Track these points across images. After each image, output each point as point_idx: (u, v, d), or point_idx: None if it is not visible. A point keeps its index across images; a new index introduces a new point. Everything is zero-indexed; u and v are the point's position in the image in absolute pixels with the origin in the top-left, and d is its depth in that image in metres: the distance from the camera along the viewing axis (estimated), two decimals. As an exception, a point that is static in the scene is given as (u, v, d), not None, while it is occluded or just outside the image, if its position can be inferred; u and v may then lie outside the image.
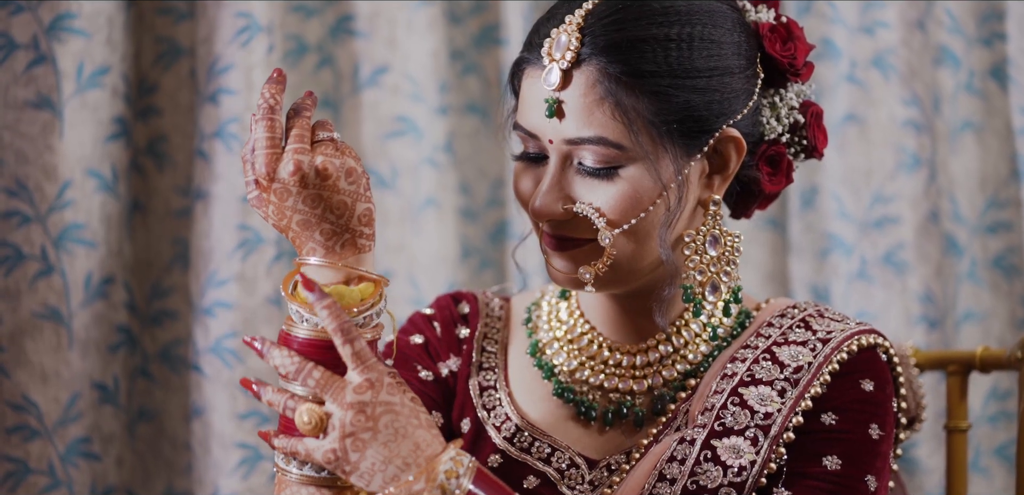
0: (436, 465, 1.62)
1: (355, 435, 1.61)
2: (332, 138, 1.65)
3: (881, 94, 2.80)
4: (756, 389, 1.79)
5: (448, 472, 1.62)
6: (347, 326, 1.63)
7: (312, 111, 1.68)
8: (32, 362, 2.56)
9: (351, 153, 1.65)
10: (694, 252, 1.82)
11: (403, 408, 1.63)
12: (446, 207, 2.87)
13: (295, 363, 1.63)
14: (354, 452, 1.61)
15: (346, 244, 1.65)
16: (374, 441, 1.61)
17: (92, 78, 2.61)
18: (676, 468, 1.76)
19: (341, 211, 1.64)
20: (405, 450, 1.62)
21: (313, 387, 1.63)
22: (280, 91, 1.66)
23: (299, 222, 1.64)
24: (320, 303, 1.62)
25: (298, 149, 1.63)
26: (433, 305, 2.04)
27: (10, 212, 2.55)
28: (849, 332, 1.83)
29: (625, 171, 1.76)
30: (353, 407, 1.61)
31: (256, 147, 1.64)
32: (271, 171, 1.63)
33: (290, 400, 1.64)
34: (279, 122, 1.65)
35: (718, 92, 1.78)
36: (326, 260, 1.65)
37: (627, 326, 1.89)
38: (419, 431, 1.64)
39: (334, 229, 1.64)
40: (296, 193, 1.63)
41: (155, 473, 2.78)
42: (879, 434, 1.78)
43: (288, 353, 1.64)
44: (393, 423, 1.62)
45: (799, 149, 1.90)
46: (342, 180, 1.63)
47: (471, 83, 2.93)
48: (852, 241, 2.82)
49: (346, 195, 1.64)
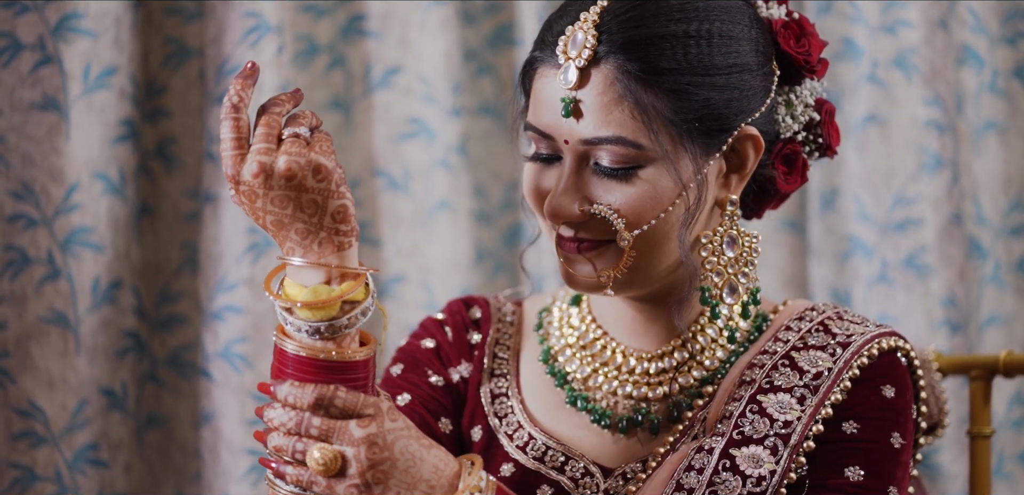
0: (456, 484, 1.62)
1: (376, 467, 1.60)
2: (297, 134, 1.59)
3: (903, 94, 2.77)
4: (775, 396, 1.77)
5: (468, 488, 1.62)
6: (321, 394, 1.60)
7: (285, 107, 1.62)
8: (38, 367, 2.55)
9: (323, 149, 1.59)
10: (711, 253, 1.80)
11: (409, 430, 1.63)
12: (459, 210, 2.86)
13: (293, 418, 1.60)
14: (377, 485, 1.60)
15: (323, 242, 1.60)
16: (395, 469, 1.60)
17: (99, 79, 2.59)
18: (694, 478, 1.74)
19: (312, 210, 1.59)
20: (427, 473, 1.62)
21: (316, 436, 1.60)
22: (247, 87, 1.60)
23: (272, 222, 1.60)
24: (281, 390, 1.61)
25: (261, 150, 1.57)
26: (445, 310, 2.02)
27: (16, 215, 2.54)
28: (869, 335, 1.81)
29: (644, 171, 1.73)
30: (364, 442, 1.60)
31: (222, 147, 1.59)
32: (236, 172, 1.59)
33: (298, 443, 1.60)
34: (244, 120, 1.59)
35: (737, 89, 1.76)
36: (305, 259, 1.61)
37: (642, 331, 1.86)
38: (433, 451, 1.63)
39: (308, 228, 1.59)
40: (262, 194, 1.58)
41: (164, 480, 2.77)
42: (900, 443, 1.76)
43: (284, 409, 1.61)
44: (407, 448, 1.61)
45: (814, 147, 1.88)
46: (309, 178, 1.57)
47: (485, 84, 2.91)
48: (873, 244, 2.80)
49: (316, 194, 1.58)
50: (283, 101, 1.62)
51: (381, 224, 2.83)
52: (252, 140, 1.59)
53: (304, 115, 1.62)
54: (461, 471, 1.63)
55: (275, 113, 1.60)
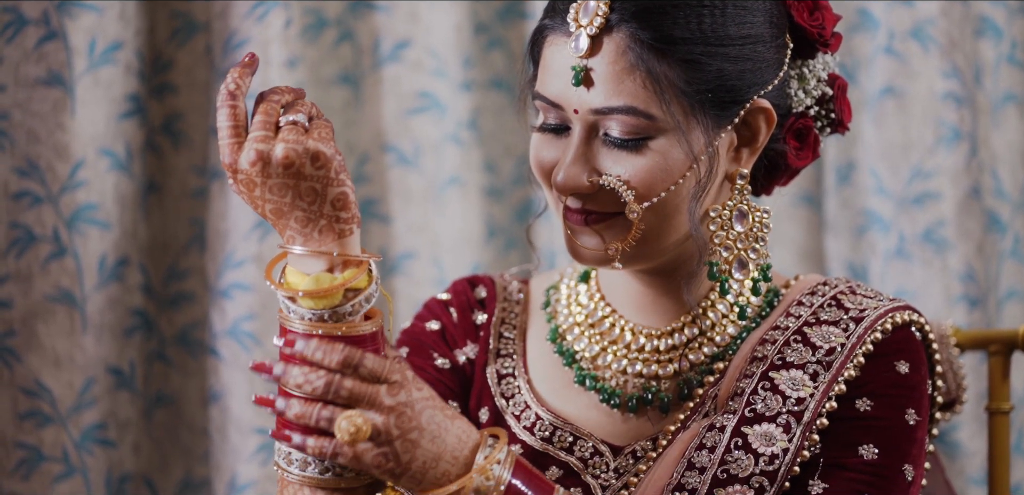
0: (478, 455, 1.61)
1: (404, 436, 1.58)
2: (295, 122, 1.58)
3: (920, 66, 2.76)
4: (787, 373, 1.76)
5: (488, 459, 1.60)
6: (350, 355, 1.57)
7: (284, 97, 1.61)
8: (45, 346, 2.55)
9: (322, 136, 1.58)
10: (720, 228, 1.79)
11: (434, 399, 1.61)
12: (470, 185, 2.85)
13: (322, 378, 1.57)
14: (405, 454, 1.58)
15: (323, 230, 1.59)
16: (422, 438, 1.58)
17: (105, 54, 2.58)
18: (706, 456, 1.73)
19: (312, 198, 1.58)
20: (451, 443, 1.60)
21: (345, 399, 1.57)
22: (245, 75, 1.60)
23: (271, 210, 1.59)
24: (309, 347, 1.57)
25: (259, 137, 1.56)
26: (449, 290, 2.01)
27: (21, 192, 2.53)
28: (882, 309, 1.79)
29: (654, 142, 1.72)
30: (393, 410, 1.57)
31: (219, 136, 1.59)
32: (234, 160, 1.57)
33: (324, 411, 1.57)
34: (242, 108, 1.59)
35: (750, 61, 1.75)
36: (306, 247, 1.59)
37: (651, 307, 1.85)
38: (456, 422, 1.61)
39: (308, 216, 1.58)
40: (261, 183, 1.57)
41: (173, 460, 2.77)
42: (915, 420, 1.74)
43: (310, 370, 1.58)
44: (434, 418, 1.60)
45: (826, 123, 1.87)
46: (308, 166, 1.56)
47: (496, 57, 2.89)
48: (890, 218, 2.79)
49: (315, 181, 1.57)
50: (282, 91, 1.61)
51: (391, 200, 2.82)
52: (250, 128, 1.58)
53: (303, 103, 1.62)
54: (481, 443, 1.61)
55: (273, 101, 1.60)
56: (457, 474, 1.59)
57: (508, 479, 1.60)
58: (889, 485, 1.71)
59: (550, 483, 1.63)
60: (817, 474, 1.71)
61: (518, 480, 1.61)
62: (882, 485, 1.70)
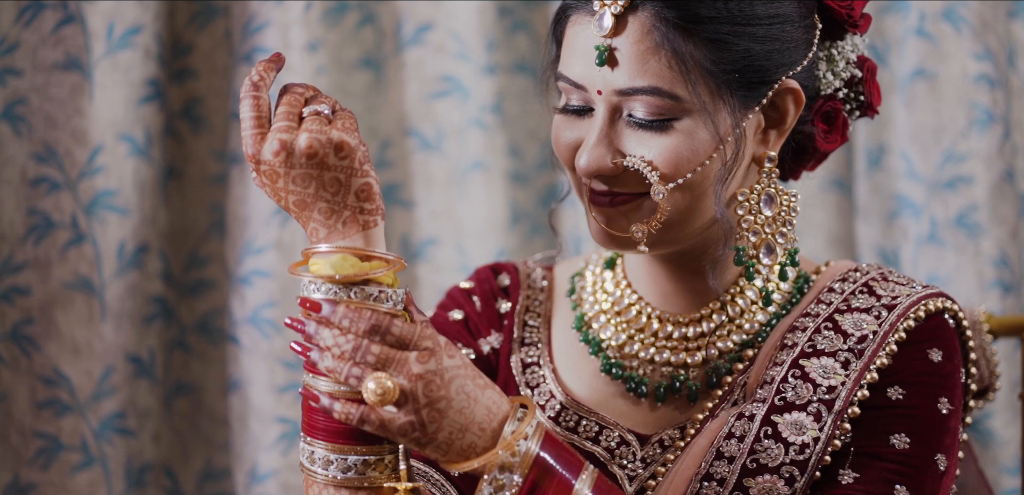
0: (505, 428, 1.58)
1: (431, 405, 1.56)
2: (318, 112, 1.58)
3: (952, 48, 2.74)
4: (818, 361, 1.74)
5: (515, 433, 1.57)
6: (378, 321, 1.56)
7: (307, 90, 1.62)
8: (63, 334, 2.54)
9: (345, 126, 1.58)
10: (748, 212, 1.77)
11: (466, 369, 1.58)
12: (494, 170, 2.84)
13: (351, 342, 1.56)
14: (432, 423, 1.56)
15: (347, 222, 1.58)
16: (450, 408, 1.56)
17: (123, 38, 2.58)
18: (735, 445, 1.71)
19: (335, 188, 1.57)
20: (480, 414, 1.57)
21: (373, 363, 1.56)
22: (270, 70, 1.61)
23: (294, 202, 1.58)
24: (337, 314, 1.56)
25: (282, 128, 1.56)
26: (472, 278, 2.00)
27: (39, 178, 2.52)
28: (916, 296, 1.77)
29: (680, 123, 1.70)
30: (421, 378, 1.55)
31: (242, 127, 1.58)
32: (257, 152, 1.57)
33: (354, 369, 1.56)
34: (265, 100, 1.59)
35: (778, 41, 1.73)
36: (330, 241, 1.58)
37: (678, 294, 1.83)
38: (486, 392, 1.59)
39: (331, 207, 1.58)
40: (284, 174, 1.56)
41: (193, 449, 2.77)
42: (948, 409, 1.72)
43: (339, 333, 1.57)
44: (463, 388, 1.57)
45: (855, 106, 1.86)
46: (331, 156, 1.56)
47: (520, 40, 2.88)
48: (922, 202, 2.77)
49: (338, 171, 1.57)
50: (305, 87, 1.62)
51: (413, 185, 2.81)
52: (273, 119, 1.58)
53: (326, 96, 1.62)
54: (510, 415, 1.59)
55: (297, 93, 1.61)
56: (483, 447, 1.57)
57: (536, 452, 1.57)
58: (921, 475, 1.68)
59: (580, 457, 1.60)
60: (847, 463, 1.69)
61: (546, 453, 1.58)
62: (914, 475, 1.68)
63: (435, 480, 1.76)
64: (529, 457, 1.56)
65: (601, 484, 1.59)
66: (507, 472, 1.56)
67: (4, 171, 2.48)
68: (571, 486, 1.57)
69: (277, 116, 1.57)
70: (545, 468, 1.57)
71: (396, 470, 1.60)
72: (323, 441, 1.59)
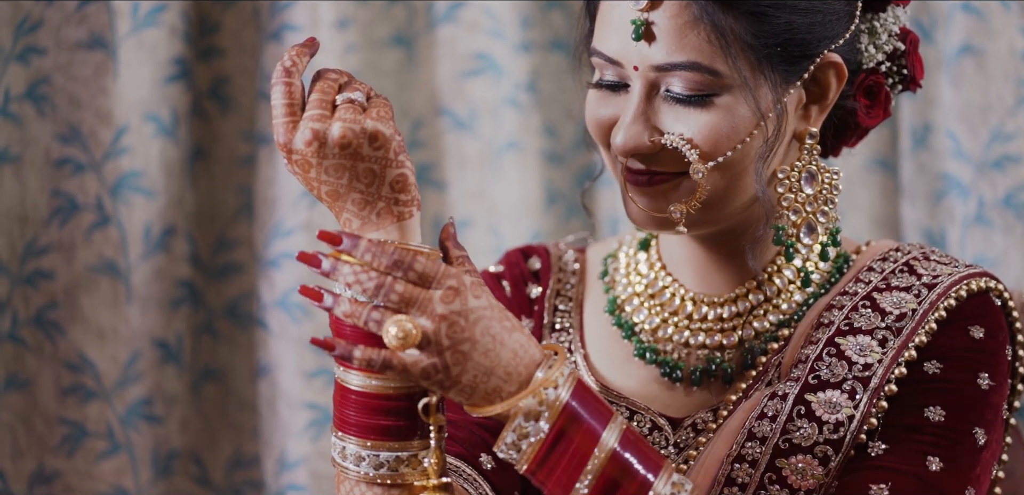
0: (534, 374, 1.54)
1: (455, 347, 1.52)
2: (352, 100, 1.56)
3: (1000, 23, 2.68)
4: (854, 338, 1.71)
5: (545, 380, 1.53)
6: (401, 256, 1.53)
7: (341, 76, 1.60)
8: (88, 319, 2.53)
9: (380, 115, 1.55)
10: (788, 190, 1.74)
11: (492, 310, 1.54)
12: (529, 150, 2.82)
13: (373, 279, 1.53)
14: (455, 366, 1.52)
15: (382, 213, 1.56)
16: (474, 351, 1.52)
17: (149, 16, 2.56)
18: (767, 425, 1.69)
19: (369, 179, 1.55)
20: (506, 358, 1.54)
21: (396, 303, 1.52)
22: (303, 54, 1.58)
23: (327, 192, 1.56)
24: (359, 248, 1.53)
25: (315, 116, 1.54)
26: (502, 262, 1.98)
27: (63, 160, 2.51)
28: (958, 276, 1.75)
29: (719, 99, 1.67)
30: (445, 319, 1.52)
31: (273, 114, 1.56)
32: (288, 140, 1.55)
33: (374, 312, 1.52)
34: (297, 86, 1.57)
35: (820, 13, 1.70)
36: (364, 233, 1.56)
37: (714, 274, 1.81)
38: (514, 334, 1.55)
39: (365, 198, 1.56)
40: (316, 164, 1.54)
41: (222, 436, 2.76)
42: (990, 384, 1.69)
43: (360, 269, 1.53)
44: (489, 329, 1.53)
45: (897, 79, 1.83)
46: (365, 146, 1.53)
47: (555, 18, 2.85)
48: (969, 182, 2.72)
49: (373, 162, 1.54)
50: (339, 73, 1.61)
51: (446, 165, 2.80)
52: (305, 107, 1.56)
53: (360, 83, 1.60)
54: (541, 362, 1.55)
55: (330, 79, 1.59)
56: (509, 392, 1.53)
57: (566, 399, 1.53)
58: (957, 447, 1.66)
59: (609, 408, 1.57)
60: (878, 436, 1.66)
61: (576, 402, 1.54)
62: (948, 447, 1.66)
63: (467, 475, 1.74)
64: (558, 404, 1.52)
65: (629, 435, 1.55)
66: (532, 420, 1.52)
67: (28, 152, 2.46)
68: (598, 435, 1.53)
69: (310, 104, 1.56)
70: (573, 416, 1.53)
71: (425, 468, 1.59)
72: (355, 436, 1.57)
